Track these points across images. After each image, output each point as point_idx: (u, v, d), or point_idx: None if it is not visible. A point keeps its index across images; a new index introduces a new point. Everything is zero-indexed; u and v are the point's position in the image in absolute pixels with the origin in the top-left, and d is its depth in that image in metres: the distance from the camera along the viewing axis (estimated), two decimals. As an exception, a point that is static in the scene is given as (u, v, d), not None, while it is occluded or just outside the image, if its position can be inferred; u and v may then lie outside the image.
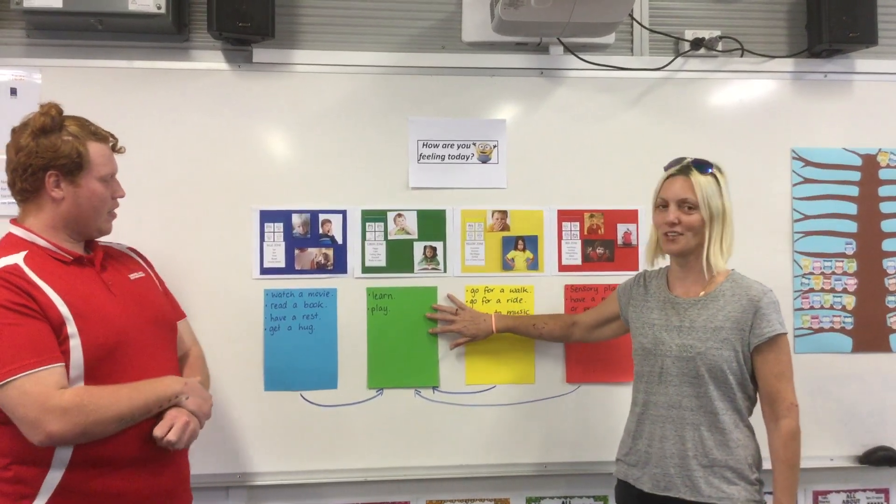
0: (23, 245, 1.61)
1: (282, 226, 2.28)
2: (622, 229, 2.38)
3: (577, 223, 2.37)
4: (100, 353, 1.56)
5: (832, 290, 2.42)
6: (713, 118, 2.43)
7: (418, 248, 2.32)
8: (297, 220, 2.28)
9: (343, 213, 2.30)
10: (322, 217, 2.29)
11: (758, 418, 1.84)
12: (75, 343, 1.53)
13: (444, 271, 2.32)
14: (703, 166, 1.83)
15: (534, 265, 2.35)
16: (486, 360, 2.32)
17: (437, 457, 2.30)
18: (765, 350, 1.76)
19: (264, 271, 2.26)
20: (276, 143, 2.30)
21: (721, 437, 1.78)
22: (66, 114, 1.66)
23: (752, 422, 1.84)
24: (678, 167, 1.85)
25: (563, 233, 2.36)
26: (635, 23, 2.46)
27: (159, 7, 2.13)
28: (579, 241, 2.37)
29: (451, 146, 2.35)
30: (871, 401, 2.42)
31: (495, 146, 2.36)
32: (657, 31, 2.48)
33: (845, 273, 2.43)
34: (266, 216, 2.27)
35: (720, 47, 2.45)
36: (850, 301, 2.43)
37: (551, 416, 2.33)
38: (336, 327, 2.28)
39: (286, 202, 2.28)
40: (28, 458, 1.53)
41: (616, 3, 2.02)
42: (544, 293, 2.34)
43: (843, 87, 2.47)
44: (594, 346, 2.33)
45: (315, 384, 2.27)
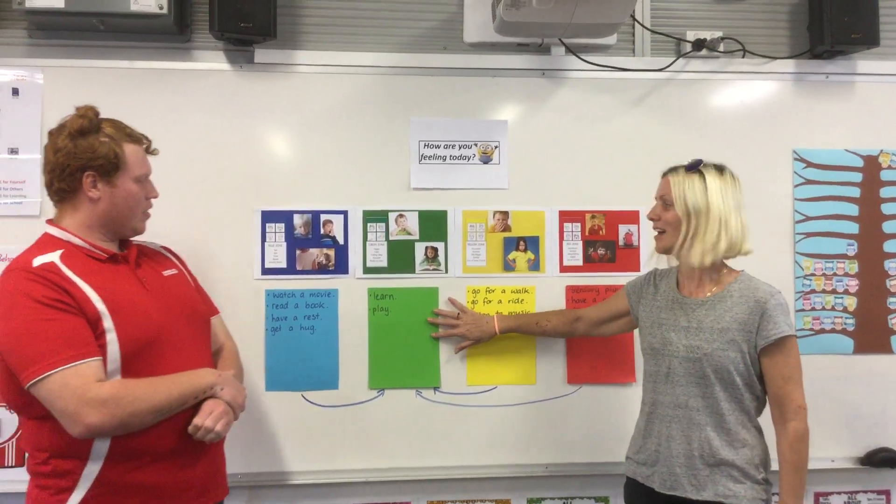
0: (59, 244, 1.64)
1: (283, 226, 2.28)
2: (623, 230, 2.38)
3: (579, 224, 2.37)
4: (136, 348, 1.59)
5: (833, 292, 2.42)
6: (715, 119, 2.43)
7: (419, 249, 2.32)
8: (298, 220, 2.28)
9: (344, 213, 2.30)
10: (323, 217, 2.29)
11: (768, 419, 1.83)
12: (111, 337, 1.56)
13: (446, 272, 2.32)
14: (692, 165, 1.84)
15: (535, 266, 2.35)
16: (488, 360, 2.32)
17: (438, 457, 2.31)
18: (772, 352, 1.75)
19: (265, 272, 2.27)
20: (277, 143, 2.31)
21: (727, 437, 1.77)
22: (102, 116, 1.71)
23: (762, 422, 1.84)
24: (670, 167, 1.89)
25: (565, 233, 2.36)
26: (637, 24, 2.47)
27: (161, 7, 2.13)
28: (581, 242, 2.37)
29: (453, 147, 2.35)
30: (873, 402, 2.42)
31: (497, 147, 2.36)
32: (659, 32, 2.48)
33: (847, 274, 2.43)
34: (267, 216, 2.27)
35: (722, 48, 2.45)
36: (851, 302, 2.43)
37: (552, 417, 2.33)
38: (337, 328, 2.28)
39: (287, 202, 2.28)
40: (66, 451, 1.56)
41: (618, 3, 2.02)
42: (545, 294, 2.34)
43: (844, 88, 2.47)
44: (595, 348, 2.33)
45: (316, 384, 2.27)
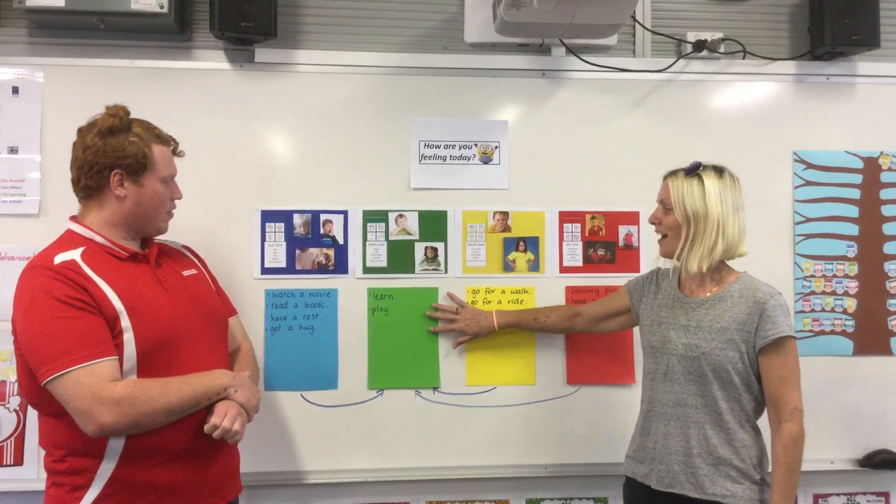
0: (81, 241, 1.66)
1: (283, 226, 2.28)
2: (623, 231, 2.37)
3: (579, 225, 2.37)
4: (152, 347, 1.60)
5: (833, 293, 2.42)
6: (715, 120, 2.43)
7: (419, 249, 2.32)
8: (298, 220, 2.28)
9: (344, 213, 2.30)
10: (323, 217, 2.29)
11: (765, 419, 1.83)
12: (128, 337, 1.57)
13: (446, 272, 2.32)
14: (691, 169, 1.85)
15: (535, 266, 2.35)
16: (487, 361, 2.32)
17: (437, 458, 2.30)
18: (770, 353, 1.75)
19: (265, 271, 2.27)
20: (277, 142, 2.30)
21: (725, 436, 1.78)
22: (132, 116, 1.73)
23: (760, 423, 1.84)
24: (670, 171, 1.90)
25: (565, 234, 2.36)
26: (637, 24, 2.47)
27: (161, 6, 2.13)
28: (580, 243, 2.36)
29: (453, 147, 2.35)
30: (872, 404, 2.42)
31: (497, 147, 2.36)
32: (659, 33, 2.48)
33: (846, 276, 2.43)
34: (267, 216, 2.27)
35: (722, 49, 2.45)
36: (851, 304, 2.43)
37: (552, 418, 2.33)
38: (337, 328, 2.28)
39: (287, 202, 2.28)
40: (82, 449, 1.57)
41: (618, 4, 2.02)
42: (545, 294, 2.34)
43: (845, 89, 2.47)
44: (595, 348, 2.33)
45: (315, 384, 2.27)
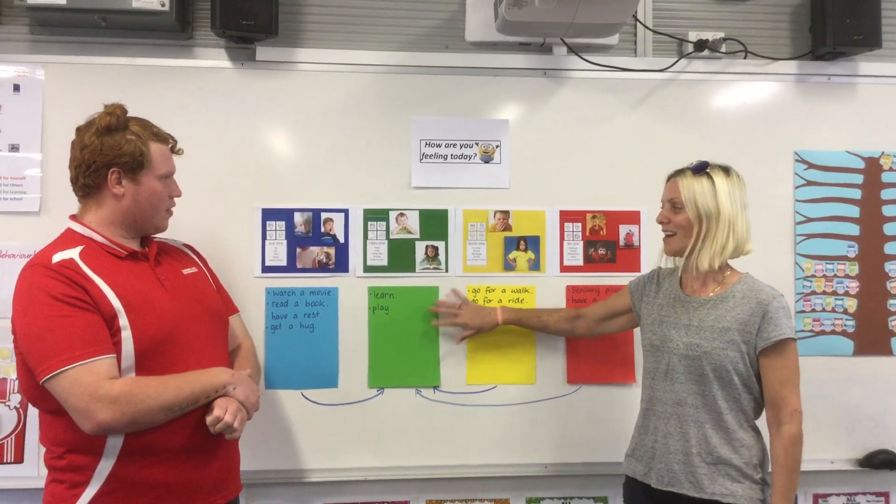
0: (80, 240, 1.66)
1: (284, 224, 2.28)
2: (624, 230, 2.37)
3: (580, 224, 2.37)
4: (150, 345, 1.60)
5: (834, 293, 2.42)
6: (716, 120, 2.42)
7: (420, 248, 2.32)
8: (299, 218, 2.28)
9: (345, 211, 2.30)
10: (324, 216, 2.29)
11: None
12: (126, 335, 1.57)
13: (446, 271, 2.32)
14: (698, 168, 1.85)
15: (535, 266, 2.35)
16: (488, 360, 2.32)
17: (437, 457, 2.31)
18: (771, 354, 1.76)
19: (266, 269, 2.27)
20: (278, 141, 2.30)
21: (725, 435, 1.78)
22: (129, 115, 1.73)
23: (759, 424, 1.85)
24: (676, 170, 1.90)
25: (565, 233, 2.36)
26: (639, 24, 2.47)
27: (163, 4, 2.13)
28: (581, 242, 2.36)
29: (454, 146, 2.35)
30: (872, 404, 2.42)
31: (498, 146, 2.36)
32: (661, 33, 2.48)
33: (847, 276, 2.42)
34: (268, 214, 2.27)
35: (724, 49, 2.45)
36: (851, 304, 2.42)
37: (552, 417, 2.33)
38: (337, 326, 2.28)
39: (288, 200, 2.28)
40: (81, 447, 1.58)
41: (620, 3, 2.02)
42: (546, 294, 2.34)
43: (846, 89, 2.46)
44: (596, 348, 2.33)
45: (316, 383, 2.27)
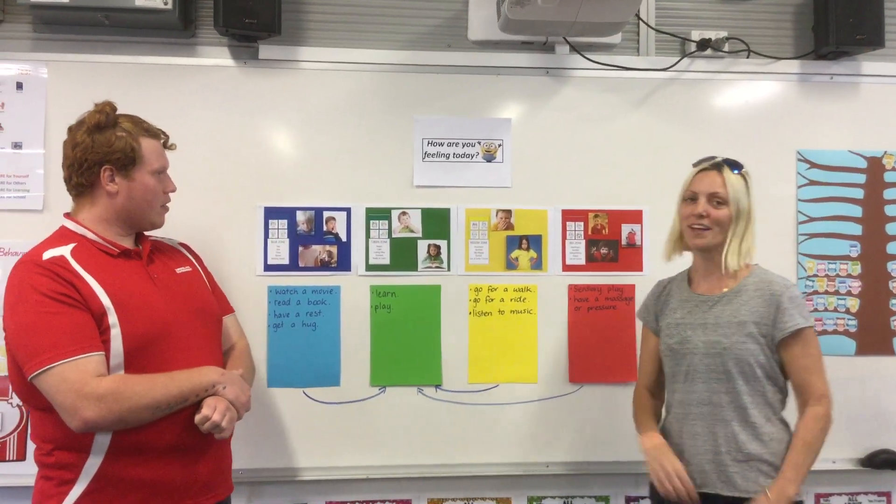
0: (73, 238, 1.66)
1: (286, 223, 2.28)
2: (626, 230, 2.37)
3: (582, 223, 2.37)
4: (140, 343, 1.60)
5: (836, 293, 2.42)
6: (719, 119, 2.42)
7: (422, 247, 2.32)
8: (301, 217, 2.28)
9: (347, 210, 2.30)
10: (326, 214, 2.29)
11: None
12: (115, 333, 1.57)
13: (448, 270, 2.32)
14: (734, 165, 1.84)
15: (537, 265, 2.35)
16: (490, 359, 2.32)
17: (439, 455, 2.31)
18: (790, 344, 1.75)
19: (268, 268, 2.27)
20: (281, 139, 2.30)
21: (753, 431, 1.77)
22: (119, 112, 1.72)
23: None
24: (711, 163, 1.86)
25: (568, 232, 2.36)
26: (641, 23, 2.46)
27: (166, 3, 2.13)
28: (583, 241, 2.36)
29: (456, 145, 2.35)
30: (874, 404, 2.42)
31: (500, 145, 2.36)
32: (663, 32, 2.48)
33: (849, 276, 2.42)
34: (270, 213, 2.27)
35: (726, 48, 2.45)
36: (854, 304, 2.42)
37: (554, 416, 2.33)
38: (339, 325, 2.28)
39: (291, 199, 2.28)
40: (69, 444, 1.57)
41: (622, 2, 2.02)
42: (548, 293, 2.34)
43: (849, 89, 2.46)
44: (597, 348, 2.34)
45: (318, 381, 2.27)
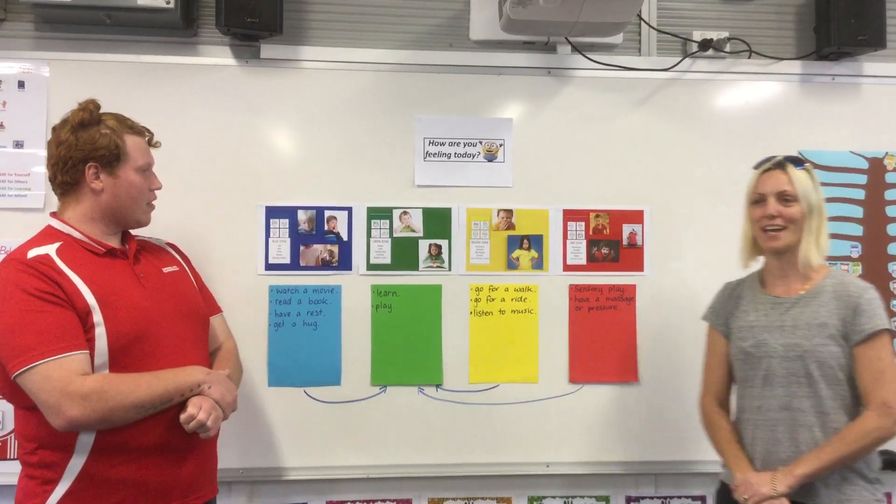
0: (58, 236, 1.65)
1: (287, 222, 2.28)
2: (627, 230, 2.37)
3: (583, 223, 2.36)
4: (124, 342, 1.59)
5: (837, 294, 2.42)
6: (720, 119, 2.42)
7: (423, 246, 2.32)
8: (302, 216, 2.28)
9: (349, 209, 2.30)
10: (328, 214, 2.29)
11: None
12: (100, 332, 1.56)
13: (449, 269, 2.32)
14: (797, 161, 1.81)
15: (538, 264, 2.35)
16: (490, 358, 2.32)
17: (439, 455, 2.31)
18: (864, 347, 1.70)
19: (269, 267, 2.27)
20: (282, 139, 2.30)
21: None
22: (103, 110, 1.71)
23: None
24: (773, 162, 1.82)
25: (569, 232, 2.36)
26: (643, 23, 2.46)
27: (168, 2, 2.13)
28: (584, 241, 2.36)
29: (458, 144, 2.35)
30: (875, 404, 2.42)
31: (501, 145, 2.36)
32: (665, 32, 2.48)
33: (850, 276, 2.42)
34: (272, 212, 2.27)
35: (728, 49, 2.45)
36: (854, 304, 2.42)
37: (554, 416, 2.33)
38: (340, 324, 2.28)
39: (292, 198, 2.28)
40: (53, 443, 1.56)
41: (624, 3, 2.02)
42: (549, 293, 2.34)
43: (850, 89, 2.46)
44: (598, 348, 2.34)
45: (319, 380, 2.27)
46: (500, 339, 2.31)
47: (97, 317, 1.56)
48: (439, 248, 2.32)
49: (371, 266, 2.30)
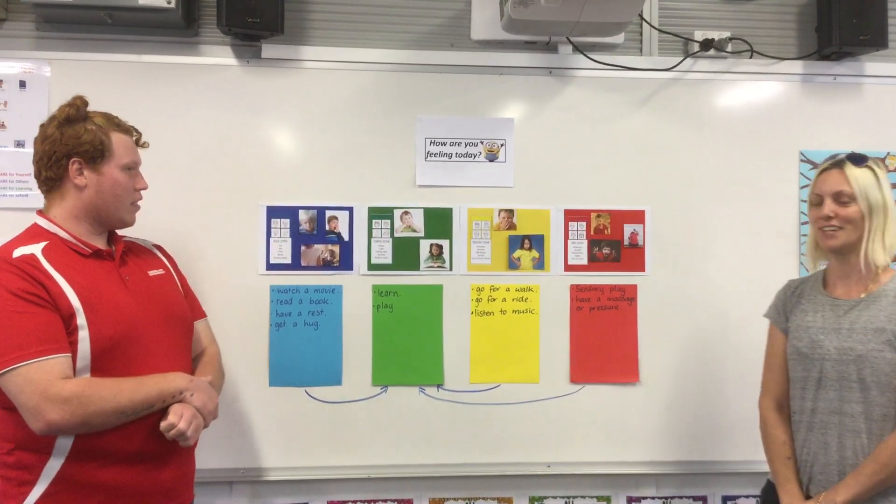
0: (44, 235, 1.63)
1: (288, 222, 2.28)
2: (629, 230, 2.37)
3: (584, 223, 2.36)
4: (108, 346, 1.57)
5: (839, 294, 2.41)
6: (722, 119, 2.42)
7: (424, 246, 2.32)
8: (303, 216, 2.28)
9: (350, 209, 2.30)
10: (329, 214, 2.29)
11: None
12: (83, 335, 1.54)
13: (450, 269, 2.32)
14: (857, 159, 1.75)
15: (540, 265, 2.35)
16: (491, 358, 2.32)
17: (440, 455, 2.31)
18: None
19: (270, 267, 2.27)
20: (283, 138, 2.30)
21: None
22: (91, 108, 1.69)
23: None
24: (831, 162, 1.78)
25: (570, 232, 2.36)
26: (645, 23, 2.46)
27: (169, 2, 2.13)
28: (585, 241, 2.36)
29: (459, 144, 2.35)
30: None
31: (503, 145, 2.36)
32: (666, 32, 2.47)
33: (852, 276, 2.42)
34: (273, 212, 2.27)
35: (729, 48, 2.45)
36: (856, 305, 2.42)
37: (555, 416, 2.33)
38: (341, 324, 2.28)
39: (293, 198, 2.28)
40: (30, 444, 1.54)
41: (626, 2, 2.02)
42: (550, 293, 2.34)
43: (852, 89, 2.46)
44: (599, 348, 2.34)
45: (320, 380, 2.27)
46: (501, 339, 2.31)
47: (81, 319, 1.54)
48: (440, 248, 2.32)
49: (372, 266, 2.30)
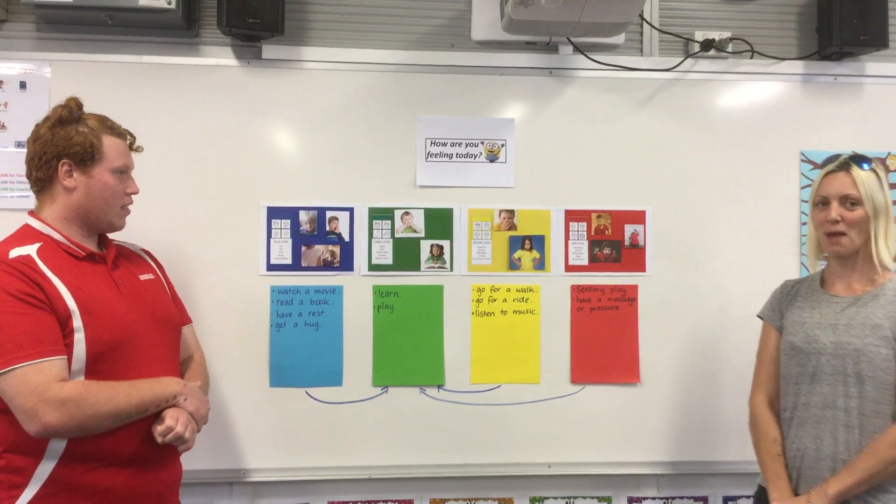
0: (38, 237, 1.63)
1: (289, 222, 2.28)
2: (629, 230, 2.37)
3: (585, 223, 2.36)
4: (102, 349, 1.57)
5: (839, 294, 2.41)
6: (722, 120, 2.42)
7: (425, 247, 2.32)
8: (304, 216, 2.28)
9: (350, 210, 2.30)
10: (329, 214, 2.29)
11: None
12: (79, 337, 1.54)
13: (451, 270, 2.32)
14: (862, 161, 1.75)
15: (540, 265, 2.35)
16: (492, 359, 2.32)
17: (441, 455, 2.31)
18: None
19: (271, 268, 2.27)
20: (284, 139, 2.30)
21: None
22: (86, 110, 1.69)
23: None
24: (837, 163, 1.77)
25: (571, 233, 2.36)
26: (645, 23, 2.46)
27: (169, 2, 2.13)
28: (586, 242, 2.36)
29: (459, 145, 2.35)
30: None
31: (503, 145, 2.36)
32: (667, 32, 2.47)
33: (853, 277, 2.41)
34: (273, 213, 2.27)
35: (730, 49, 2.45)
36: (857, 305, 2.41)
37: (556, 416, 2.33)
38: (342, 324, 2.28)
39: (293, 199, 2.28)
40: (22, 447, 1.54)
41: (626, 3, 2.02)
42: (550, 293, 2.34)
43: (852, 90, 2.46)
44: (600, 348, 2.33)
45: (320, 381, 2.27)
46: (502, 339, 2.31)
47: (77, 322, 1.54)
48: (441, 248, 2.32)
49: (373, 266, 2.30)
